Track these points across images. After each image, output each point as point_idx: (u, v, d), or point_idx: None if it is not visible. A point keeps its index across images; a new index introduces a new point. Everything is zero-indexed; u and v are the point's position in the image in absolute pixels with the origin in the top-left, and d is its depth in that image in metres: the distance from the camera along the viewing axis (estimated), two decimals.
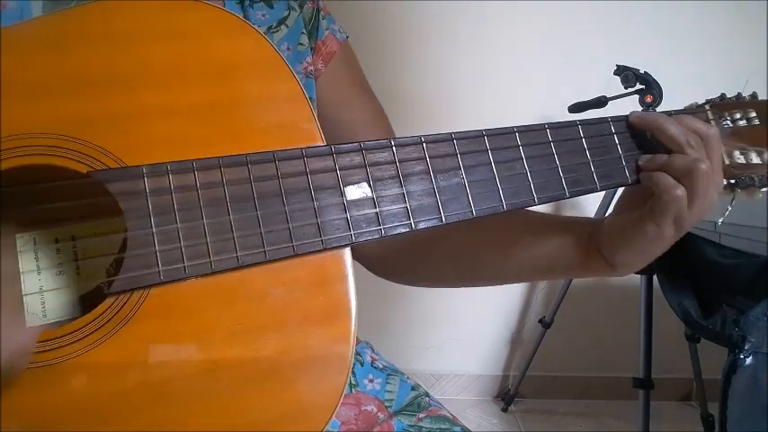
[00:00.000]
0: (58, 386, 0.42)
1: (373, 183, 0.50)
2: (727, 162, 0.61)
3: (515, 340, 2.10)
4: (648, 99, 1.55)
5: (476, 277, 0.74)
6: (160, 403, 0.43)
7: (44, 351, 0.42)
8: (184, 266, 0.44)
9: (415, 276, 0.78)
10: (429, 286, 0.82)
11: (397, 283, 0.77)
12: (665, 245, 0.58)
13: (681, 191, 0.55)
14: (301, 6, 0.70)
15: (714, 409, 1.39)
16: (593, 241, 0.63)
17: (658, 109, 1.54)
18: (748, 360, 1.24)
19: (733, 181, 0.61)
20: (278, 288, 0.47)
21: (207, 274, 0.45)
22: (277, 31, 0.67)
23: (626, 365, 1.80)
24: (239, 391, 0.45)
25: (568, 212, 1.77)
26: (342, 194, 0.49)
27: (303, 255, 0.47)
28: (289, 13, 0.68)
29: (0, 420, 0.40)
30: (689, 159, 0.55)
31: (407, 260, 0.74)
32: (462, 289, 1.79)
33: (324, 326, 0.48)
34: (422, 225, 0.50)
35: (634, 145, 0.59)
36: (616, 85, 1.60)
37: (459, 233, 0.69)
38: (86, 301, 0.48)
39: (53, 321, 0.47)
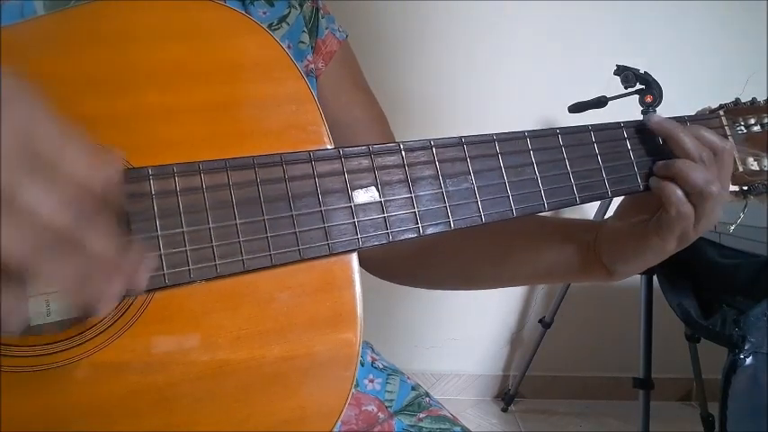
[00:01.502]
0: (65, 388, 0.42)
1: (381, 187, 0.49)
2: (740, 169, 0.60)
3: (515, 340, 2.10)
4: (648, 99, 1.55)
5: (473, 282, 0.74)
6: (164, 406, 0.43)
7: (51, 353, 0.42)
8: (189, 270, 0.44)
9: (414, 280, 0.78)
10: (427, 288, 0.82)
11: (395, 284, 0.77)
12: (665, 257, 0.59)
13: (690, 208, 0.55)
14: (301, 5, 0.69)
15: (714, 409, 1.39)
16: (592, 248, 0.63)
17: (658, 109, 1.54)
18: (748, 360, 1.24)
19: (746, 188, 0.60)
20: (284, 293, 0.47)
21: (212, 279, 0.45)
22: (278, 28, 0.67)
23: (626, 365, 1.80)
24: (244, 396, 0.45)
25: (568, 213, 1.77)
26: (349, 198, 0.48)
27: (309, 259, 0.47)
28: (289, 11, 0.68)
29: (0, 420, 0.39)
30: (701, 179, 0.55)
31: (406, 264, 0.74)
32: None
33: (330, 332, 0.47)
34: (430, 230, 0.50)
35: (646, 151, 0.59)
36: (616, 85, 1.60)
37: (458, 237, 0.69)
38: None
39: (57, 321, 0.47)
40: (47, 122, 0.33)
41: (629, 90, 1.58)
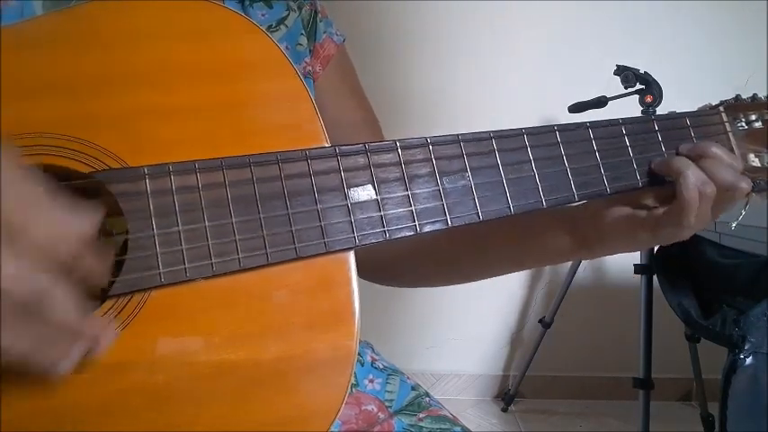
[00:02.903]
0: (63, 387, 0.41)
1: (378, 185, 0.49)
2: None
3: (515, 340, 2.10)
4: (648, 99, 1.55)
5: (454, 277, 0.75)
6: (161, 405, 0.43)
7: None
8: (185, 269, 0.44)
9: (394, 281, 0.79)
10: (410, 286, 0.83)
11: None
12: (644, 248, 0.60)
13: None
14: (300, 8, 0.70)
15: (714, 409, 1.39)
16: (576, 229, 0.64)
17: (658, 109, 1.54)
18: (748, 360, 1.24)
19: None
20: (281, 291, 0.46)
21: (208, 277, 0.45)
22: (277, 30, 0.67)
23: (626, 365, 1.80)
24: (241, 394, 0.45)
25: None
26: (346, 197, 0.48)
27: (306, 258, 0.47)
28: (288, 14, 0.68)
29: (0, 420, 0.39)
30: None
31: (399, 267, 0.74)
32: (462, 289, 1.79)
33: (327, 330, 0.47)
34: (427, 228, 0.50)
35: (644, 148, 0.58)
36: (616, 85, 1.60)
37: (436, 239, 0.69)
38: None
39: None
40: (15, 188, 0.33)
41: (629, 90, 1.58)
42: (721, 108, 0.62)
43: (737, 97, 0.63)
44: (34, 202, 0.34)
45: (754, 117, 0.61)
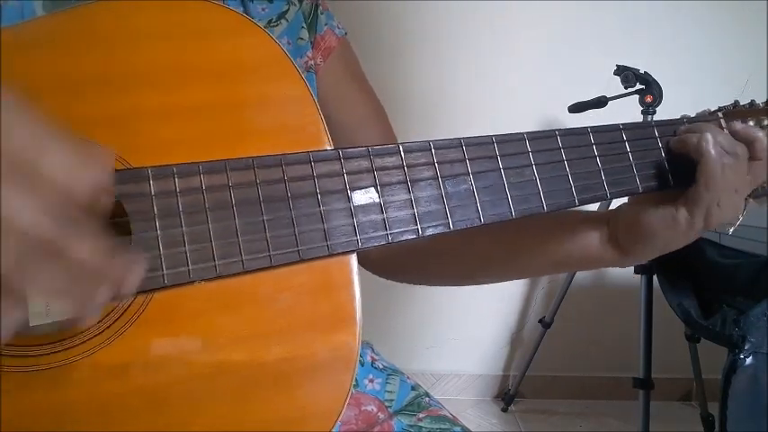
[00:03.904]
0: (64, 388, 0.42)
1: (381, 188, 0.49)
2: None
3: (515, 340, 2.10)
4: (648, 99, 1.55)
5: (479, 279, 0.74)
6: (164, 406, 0.43)
7: (52, 353, 0.42)
8: (189, 270, 0.44)
9: (416, 278, 0.77)
10: (429, 285, 0.82)
11: (394, 281, 0.77)
12: (688, 238, 0.58)
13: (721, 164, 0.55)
14: (300, 1, 0.70)
15: (714, 409, 1.40)
16: (608, 231, 0.63)
17: (658, 109, 1.54)
18: (748, 360, 1.24)
19: None
20: (283, 293, 0.47)
21: (212, 279, 0.45)
22: (277, 25, 0.67)
23: (626, 365, 1.80)
24: (243, 396, 0.45)
25: None
26: (349, 199, 0.48)
27: (309, 260, 0.47)
28: (288, 8, 0.68)
29: (0, 420, 0.39)
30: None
31: (410, 261, 0.74)
32: (462, 289, 1.79)
33: (329, 332, 0.47)
34: (429, 231, 0.50)
35: (644, 153, 0.59)
36: (616, 85, 1.60)
37: (463, 237, 0.69)
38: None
39: (55, 321, 0.47)
40: (26, 124, 0.32)
41: (629, 90, 1.58)
42: (720, 114, 0.62)
43: (736, 103, 0.63)
44: (51, 138, 0.32)
45: (752, 123, 0.61)
